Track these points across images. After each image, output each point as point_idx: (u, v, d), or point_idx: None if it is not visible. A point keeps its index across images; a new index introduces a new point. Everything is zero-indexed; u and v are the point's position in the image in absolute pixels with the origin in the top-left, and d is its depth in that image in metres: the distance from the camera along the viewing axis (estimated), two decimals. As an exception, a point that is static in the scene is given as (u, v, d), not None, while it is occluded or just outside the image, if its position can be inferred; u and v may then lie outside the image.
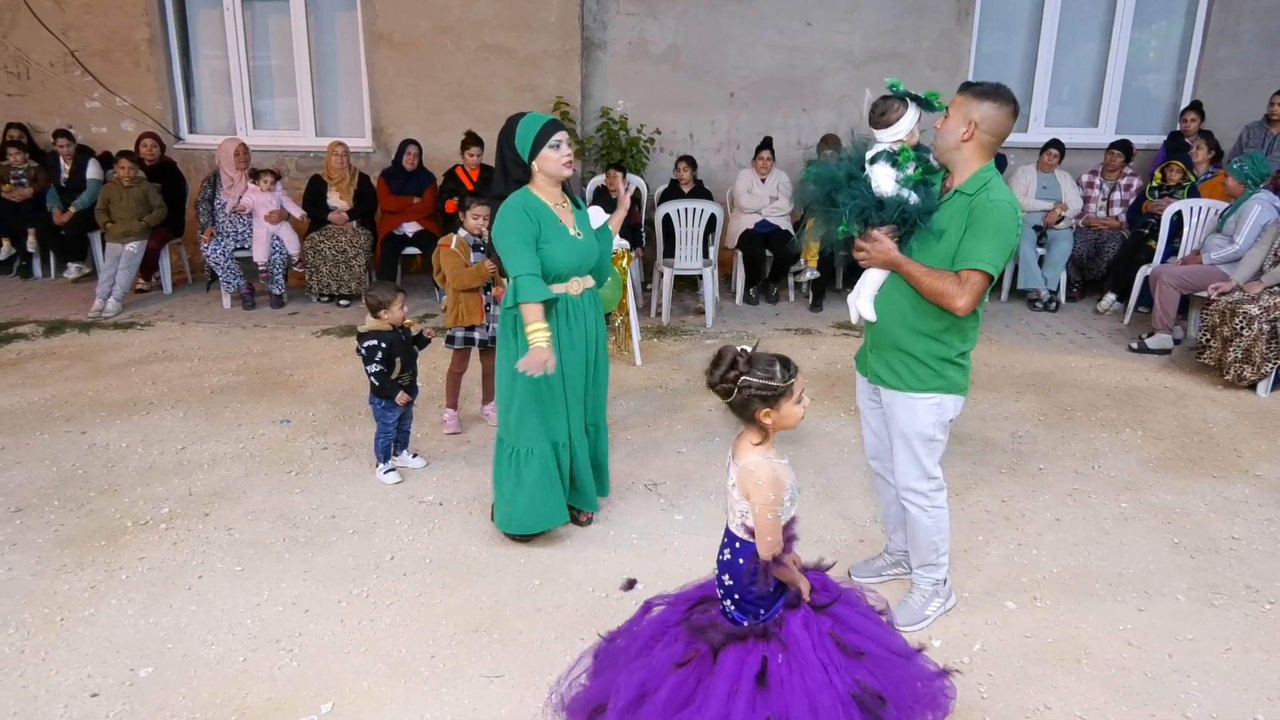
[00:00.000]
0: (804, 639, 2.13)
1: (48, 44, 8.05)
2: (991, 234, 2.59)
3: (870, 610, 2.34)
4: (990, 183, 2.64)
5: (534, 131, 3.19)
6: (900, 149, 2.71)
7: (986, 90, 2.64)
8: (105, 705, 2.62)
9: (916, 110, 2.76)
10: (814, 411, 4.87)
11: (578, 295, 3.34)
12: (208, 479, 4.06)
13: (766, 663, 2.10)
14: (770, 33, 7.73)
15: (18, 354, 5.80)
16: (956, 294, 2.61)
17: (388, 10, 7.76)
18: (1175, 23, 7.74)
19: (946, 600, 3.07)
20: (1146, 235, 6.80)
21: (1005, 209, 2.61)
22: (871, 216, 2.70)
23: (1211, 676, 2.78)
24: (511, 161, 3.26)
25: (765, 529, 2.12)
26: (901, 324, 2.77)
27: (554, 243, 3.21)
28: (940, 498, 2.91)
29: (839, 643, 2.14)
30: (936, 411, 2.80)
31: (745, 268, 7.20)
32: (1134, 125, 7.81)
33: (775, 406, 2.13)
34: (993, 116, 2.63)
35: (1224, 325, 5.29)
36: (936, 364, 2.76)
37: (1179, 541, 3.59)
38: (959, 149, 2.67)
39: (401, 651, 2.87)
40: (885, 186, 2.68)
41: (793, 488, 2.19)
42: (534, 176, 3.26)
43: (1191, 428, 4.73)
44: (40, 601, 3.12)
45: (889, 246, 2.71)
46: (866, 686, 2.09)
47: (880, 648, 2.21)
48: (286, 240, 7.02)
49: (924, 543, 2.96)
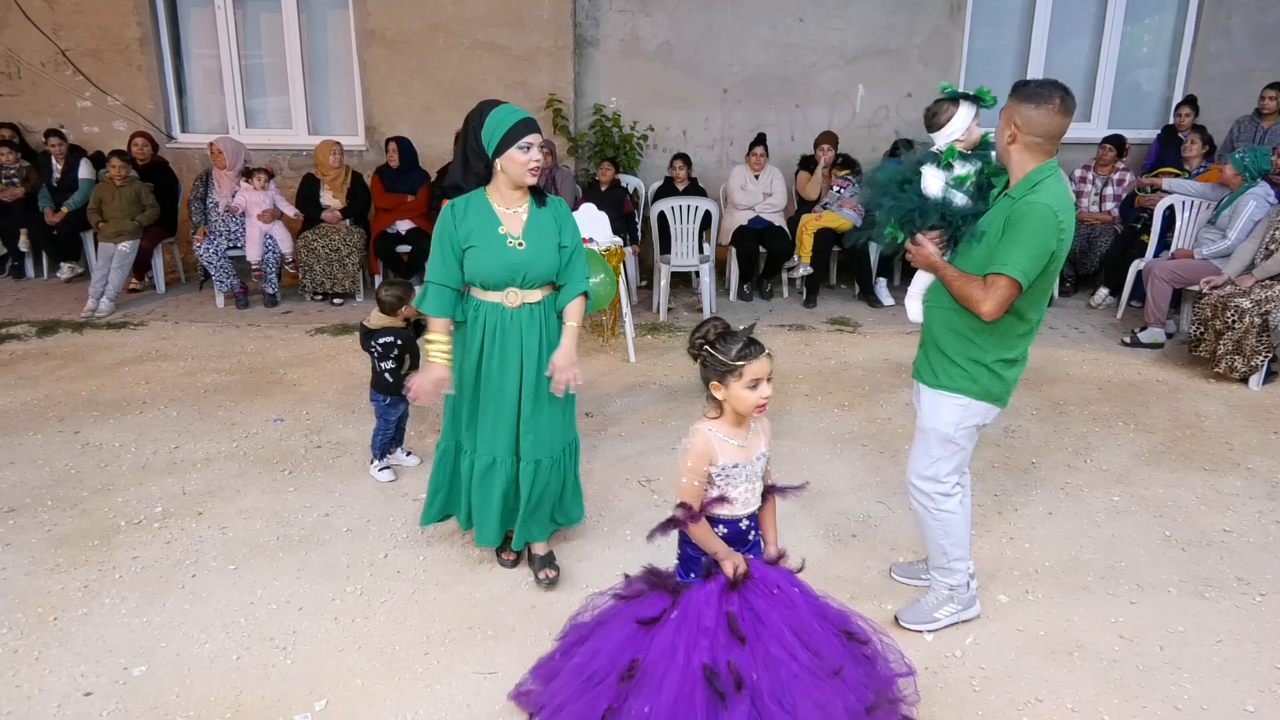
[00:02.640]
0: (698, 606, 2.24)
1: (38, 43, 8.02)
2: (1024, 238, 2.51)
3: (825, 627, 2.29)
4: (1039, 185, 2.57)
5: (505, 127, 2.86)
6: (946, 149, 2.70)
7: (1028, 91, 2.58)
8: (99, 704, 2.62)
9: (970, 108, 2.71)
10: (807, 407, 4.88)
11: (513, 308, 3.00)
12: (201, 478, 4.06)
13: (663, 615, 2.27)
14: (763, 29, 7.74)
15: (10, 354, 5.78)
16: (981, 299, 2.58)
17: (379, 8, 7.74)
18: (1167, 17, 7.76)
19: (966, 609, 2.99)
20: (1139, 230, 6.82)
21: (1041, 211, 2.51)
22: (915, 220, 2.70)
23: (1202, 668, 2.79)
24: (474, 153, 2.94)
25: (679, 490, 2.29)
26: (943, 323, 2.78)
27: (480, 248, 2.93)
28: (947, 504, 2.87)
29: (731, 624, 2.21)
30: (961, 414, 2.77)
31: (739, 264, 7.20)
32: (1126, 120, 7.83)
33: (724, 382, 2.21)
34: (1033, 118, 2.56)
35: (1216, 319, 5.31)
36: (970, 366, 2.73)
37: (1170, 534, 3.60)
38: (1008, 152, 2.65)
39: (395, 649, 2.88)
40: (932, 188, 2.69)
41: (728, 467, 2.26)
42: (495, 176, 2.96)
43: (1184, 421, 4.75)
44: (34, 601, 3.12)
45: (930, 250, 2.71)
46: (733, 669, 2.15)
47: (785, 651, 2.18)
48: (279, 239, 7.01)
49: (932, 544, 2.95)
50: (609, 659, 2.26)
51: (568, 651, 2.43)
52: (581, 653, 2.34)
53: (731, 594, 2.26)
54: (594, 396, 5.06)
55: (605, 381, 5.33)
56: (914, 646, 2.81)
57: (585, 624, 2.46)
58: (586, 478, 4.08)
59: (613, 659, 2.26)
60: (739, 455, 2.28)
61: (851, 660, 2.27)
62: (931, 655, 2.82)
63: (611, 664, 2.25)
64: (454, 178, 3.04)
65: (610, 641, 2.30)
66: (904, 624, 2.96)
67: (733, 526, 2.32)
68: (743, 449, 2.29)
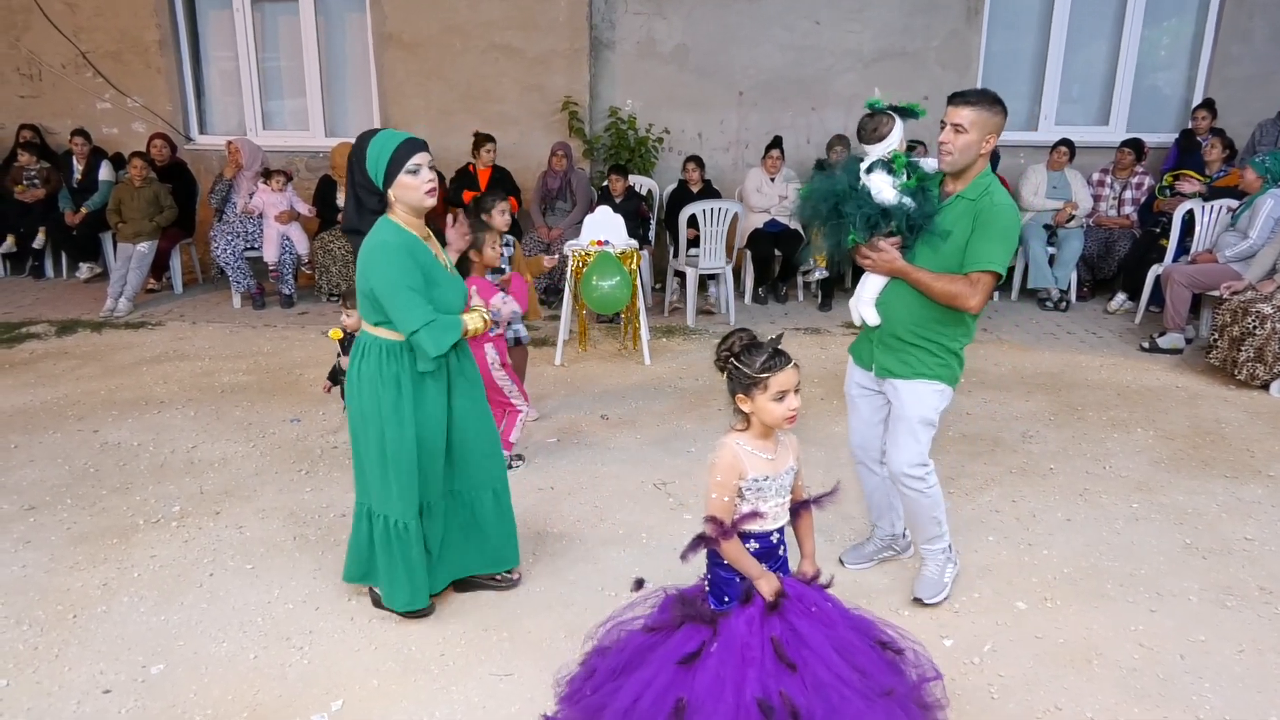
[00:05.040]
0: (741, 635, 2.18)
1: (59, 46, 8.10)
2: (999, 236, 2.78)
3: (863, 641, 2.27)
4: (991, 187, 2.82)
5: (387, 154, 2.67)
6: (894, 155, 2.85)
7: (994, 100, 2.81)
8: (117, 701, 2.64)
9: (902, 121, 2.89)
10: (822, 412, 4.86)
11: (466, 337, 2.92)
12: (219, 477, 4.08)
13: (703, 648, 2.19)
14: (779, 32, 7.72)
15: (30, 353, 5.83)
16: (969, 294, 2.78)
17: (396, 11, 7.78)
18: (1187, 20, 7.70)
19: (955, 564, 3.20)
20: (1158, 234, 6.77)
21: (1009, 211, 2.80)
22: (879, 224, 2.81)
23: (1224, 678, 2.76)
24: (364, 189, 2.74)
25: (708, 505, 2.23)
26: (911, 319, 2.91)
27: (440, 285, 2.77)
28: (933, 478, 3.03)
29: (777, 650, 2.15)
30: (939, 398, 2.96)
31: (755, 267, 7.19)
32: (1145, 123, 7.77)
33: (749, 395, 2.19)
34: (1000, 125, 2.82)
35: (1234, 324, 5.26)
36: (944, 354, 2.93)
37: (1191, 542, 3.57)
38: (975, 159, 2.82)
39: (411, 649, 2.88)
40: (886, 194, 2.81)
41: (758, 480, 2.22)
42: (392, 206, 2.75)
43: (1204, 428, 4.70)
44: (53, 598, 3.14)
45: (894, 256, 2.85)
46: (786, 698, 2.08)
47: (832, 674, 2.14)
48: (296, 240, 7.05)
49: (926, 519, 3.07)
50: (653, 702, 2.15)
51: (600, 686, 2.29)
52: (622, 694, 2.20)
53: (772, 617, 2.19)
54: (608, 399, 5.06)
55: (620, 384, 5.33)
56: (931, 653, 2.79)
57: (614, 654, 2.31)
58: (602, 480, 4.10)
59: (657, 702, 2.15)
60: (768, 468, 2.24)
61: (891, 672, 2.23)
62: (950, 662, 2.80)
63: (656, 706, 2.14)
64: (350, 222, 2.82)
65: (651, 686, 2.18)
66: (927, 601, 3.07)
67: (764, 541, 2.27)
68: (771, 462, 2.25)
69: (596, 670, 2.34)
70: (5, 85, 8.28)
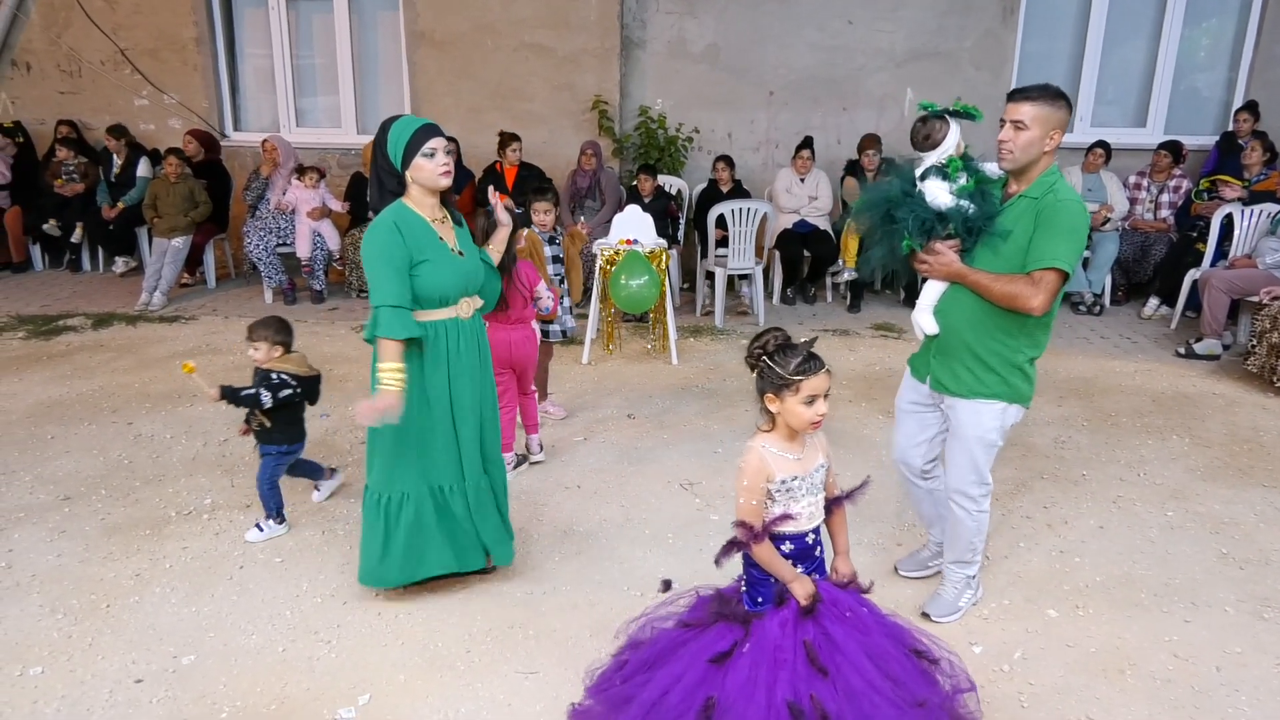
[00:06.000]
0: (774, 637, 2.16)
1: (99, 43, 8.23)
2: (1065, 232, 2.61)
3: (898, 649, 2.24)
4: (1056, 184, 2.67)
5: (405, 138, 2.84)
6: (949, 160, 2.73)
7: (1055, 93, 2.66)
8: (149, 691, 2.67)
9: (958, 124, 2.77)
10: (852, 414, 4.83)
11: (468, 318, 3.01)
12: (249, 471, 4.11)
13: (735, 648, 2.18)
14: (811, 31, 7.68)
15: (67, 345, 5.93)
16: (1030, 294, 2.61)
17: (429, 9, 7.82)
18: (1228, 20, 7.55)
19: (975, 593, 3.12)
20: (1195, 238, 6.65)
21: (1076, 207, 2.64)
22: (935, 229, 2.70)
23: (1261, 691, 2.70)
24: (385, 172, 2.91)
25: (737, 510, 2.22)
26: (970, 330, 2.77)
27: (435, 262, 2.87)
28: (986, 502, 2.94)
29: (809, 654, 2.13)
30: (1001, 418, 2.82)
31: (783, 268, 7.15)
32: (1184, 125, 7.63)
33: (779, 395, 2.16)
34: (1065, 121, 2.69)
35: (1274, 331, 5.15)
36: (1005, 370, 2.78)
37: (1227, 552, 3.50)
38: (1040, 156, 2.69)
39: (438, 645, 2.89)
40: (941, 199, 2.70)
41: (786, 482, 2.20)
42: (409, 188, 2.92)
43: (1241, 435, 4.62)
44: (87, 588, 3.19)
45: (952, 259, 2.72)
46: (817, 703, 2.06)
47: (864, 681, 2.11)
48: (328, 236, 7.11)
49: (964, 542, 2.98)
50: (682, 698, 2.15)
51: (629, 678, 2.30)
52: (650, 687, 2.20)
53: (806, 621, 2.18)
54: (636, 399, 5.06)
55: (647, 384, 5.32)
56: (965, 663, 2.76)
57: (647, 648, 2.33)
58: (628, 479, 4.09)
59: (686, 698, 2.15)
60: (796, 468, 2.21)
61: (925, 682, 2.20)
62: (979, 670, 2.76)
63: (685, 703, 2.14)
64: (373, 202, 2.99)
65: (681, 681, 2.18)
66: (936, 619, 2.99)
67: (799, 541, 2.25)
68: (799, 462, 2.22)
69: (628, 662, 2.36)
70: (46, 81, 8.43)
